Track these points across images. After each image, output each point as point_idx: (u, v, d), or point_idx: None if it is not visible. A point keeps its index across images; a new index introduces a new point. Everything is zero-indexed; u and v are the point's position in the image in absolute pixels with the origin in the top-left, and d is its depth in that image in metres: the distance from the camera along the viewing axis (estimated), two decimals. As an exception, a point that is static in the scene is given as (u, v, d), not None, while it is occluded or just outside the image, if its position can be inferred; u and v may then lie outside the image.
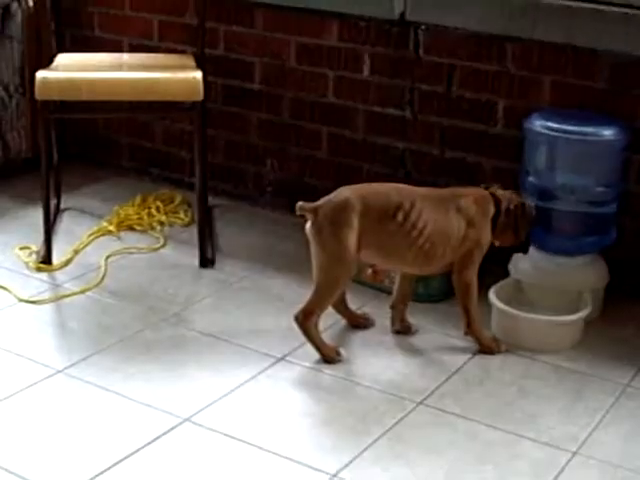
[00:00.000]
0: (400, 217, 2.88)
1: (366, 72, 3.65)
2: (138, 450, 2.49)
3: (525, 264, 3.23)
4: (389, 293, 3.19)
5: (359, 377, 2.85)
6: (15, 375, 2.81)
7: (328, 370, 2.87)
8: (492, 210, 2.99)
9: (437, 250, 2.93)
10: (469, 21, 3.37)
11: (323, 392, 2.78)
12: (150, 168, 4.26)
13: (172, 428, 2.59)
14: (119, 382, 2.78)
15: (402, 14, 3.47)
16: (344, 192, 2.92)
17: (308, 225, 2.89)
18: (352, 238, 2.85)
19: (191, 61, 3.62)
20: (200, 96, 3.34)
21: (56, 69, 3.48)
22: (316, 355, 2.92)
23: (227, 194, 4.07)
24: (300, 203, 2.88)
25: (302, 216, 2.90)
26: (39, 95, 3.31)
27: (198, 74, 3.38)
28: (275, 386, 2.80)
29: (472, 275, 2.97)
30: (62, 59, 3.65)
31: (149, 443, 2.52)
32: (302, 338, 2.93)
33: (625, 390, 2.84)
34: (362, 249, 2.89)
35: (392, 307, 3.12)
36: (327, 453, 2.51)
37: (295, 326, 2.90)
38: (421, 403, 2.73)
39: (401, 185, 3.02)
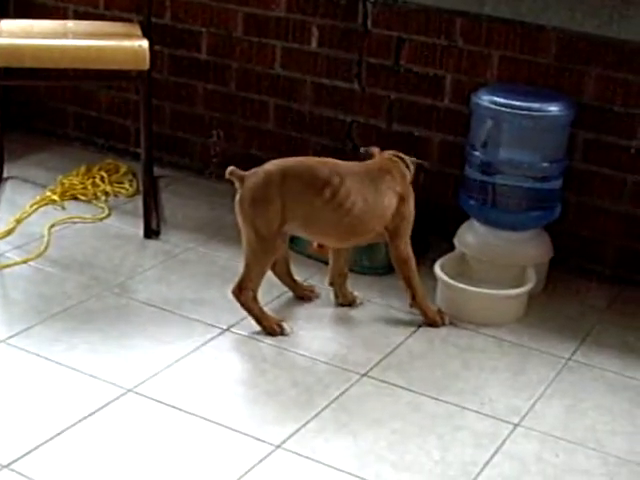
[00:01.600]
0: (327, 193, 2.85)
1: (314, 44, 3.64)
2: (81, 420, 2.47)
3: (470, 238, 3.25)
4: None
5: (303, 349, 2.85)
6: (-45, 344, 2.78)
7: (272, 342, 2.87)
8: (409, 176, 3.00)
9: (365, 227, 2.93)
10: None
11: (267, 364, 2.77)
12: (95, 138, 4.22)
13: (115, 398, 2.57)
14: (62, 352, 2.75)
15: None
16: (269, 166, 2.89)
17: (237, 197, 2.88)
18: (273, 212, 2.83)
19: (137, 30, 3.58)
20: (146, 65, 3.31)
21: (-1, 35, 3.43)
22: (255, 326, 2.92)
23: (172, 165, 4.04)
24: (231, 168, 2.86)
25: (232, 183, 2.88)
26: (-19, 61, 3.26)
27: (144, 43, 3.34)
28: (219, 357, 2.79)
29: (407, 248, 2.97)
30: (5, 25, 3.58)
31: (92, 413, 2.50)
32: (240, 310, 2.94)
33: (567, 364, 2.86)
34: (287, 222, 2.87)
35: (331, 283, 3.12)
36: (271, 424, 2.51)
37: (235, 299, 2.90)
38: (365, 375, 2.74)
39: (331, 160, 2.99)
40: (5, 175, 3.87)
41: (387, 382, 2.72)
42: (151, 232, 3.47)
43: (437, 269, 3.12)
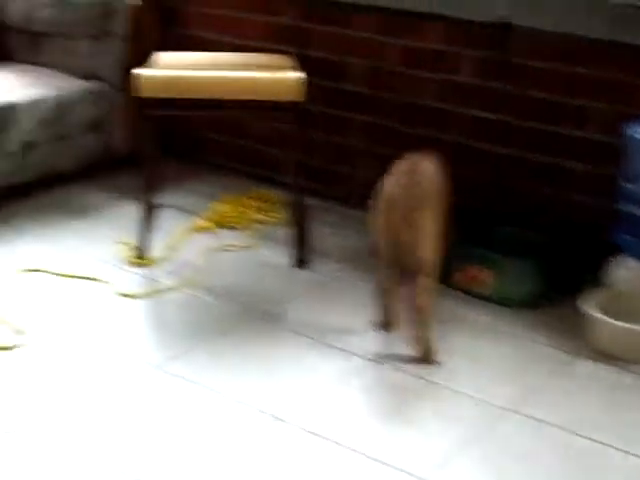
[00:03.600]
0: None
1: (466, 75, 3.64)
2: (229, 446, 2.51)
3: (622, 272, 3.19)
4: (481, 298, 3.18)
5: (449, 381, 2.84)
6: (110, 368, 2.86)
7: (417, 372, 2.87)
8: None
9: None
10: (569, 25, 3.34)
11: (412, 395, 2.77)
12: (247, 167, 4.30)
13: (262, 424, 2.61)
14: (212, 378, 2.81)
15: (503, 17, 3.46)
16: None
17: None
18: None
19: (291, 62, 3.64)
20: (301, 97, 3.37)
21: (157, 67, 3.53)
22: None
23: (322, 195, 4.08)
24: None
25: None
26: (139, 92, 3.37)
27: (299, 75, 3.40)
28: (364, 386, 2.80)
29: None
30: (163, 57, 3.70)
31: (239, 439, 2.54)
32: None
33: None
34: None
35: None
36: (413, 455, 2.51)
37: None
38: (511, 410, 2.71)
39: None
40: (162, 202, 3.98)
41: (533, 418, 2.69)
42: (300, 261, 3.52)
43: (585, 304, 3.07)
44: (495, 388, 2.82)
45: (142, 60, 3.65)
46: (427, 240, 2.87)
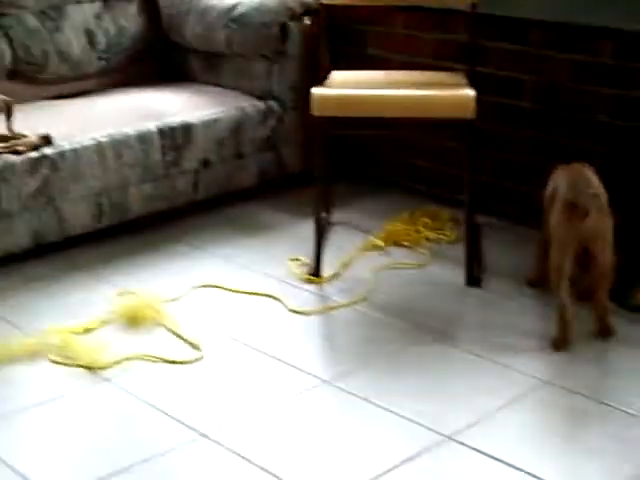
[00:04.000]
0: None
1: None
2: (398, 465, 2.50)
3: None
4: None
5: (626, 405, 2.76)
6: (282, 383, 2.89)
7: (597, 396, 2.80)
8: None
9: None
10: None
11: (589, 418, 2.70)
12: (418, 184, 4.29)
13: (434, 445, 2.59)
14: (382, 395, 2.81)
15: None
16: None
17: None
18: None
19: (462, 79, 3.63)
20: (472, 114, 3.34)
21: (331, 86, 3.57)
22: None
23: (494, 212, 4.04)
24: None
25: None
26: (315, 111, 3.40)
27: (470, 92, 3.38)
28: (538, 409, 2.75)
29: None
30: (336, 76, 3.73)
31: (409, 459, 2.53)
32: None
33: None
34: None
35: None
36: (592, 481, 2.46)
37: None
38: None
39: None
40: (333, 220, 4.01)
41: None
42: (473, 280, 3.49)
43: None
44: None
45: (316, 79, 3.69)
46: (610, 249, 2.97)
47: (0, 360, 3.00)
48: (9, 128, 3.59)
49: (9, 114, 3.55)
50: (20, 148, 3.54)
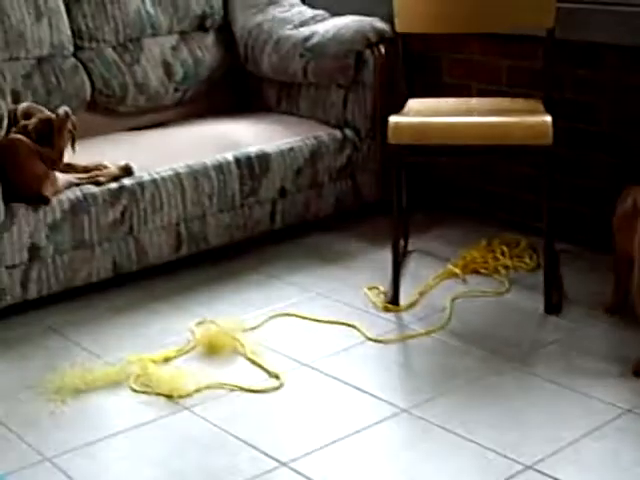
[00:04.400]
0: None
1: None
2: (480, 494, 2.49)
3: None
4: None
5: None
6: (361, 411, 2.89)
7: (678, 425, 2.76)
8: None
9: None
10: None
11: (673, 448, 2.67)
12: (495, 211, 4.28)
13: (513, 475, 2.56)
14: (462, 424, 2.79)
15: None
16: None
17: None
18: None
19: (539, 105, 3.61)
20: (549, 140, 3.32)
21: (407, 114, 3.58)
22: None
23: (572, 239, 4.00)
24: None
25: None
26: (391, 139, 3.41)
27: (547, 118, 3.36)
28: (620, 439, 2.71)
29: None
30: (413, 104, 3.74)
31: (491, 488, 2.52)
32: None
33: None
34: None
35: None
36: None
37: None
38: None
39: None
40: (409, 248, 4.01)
41: None
42: (552, 307, 3.46)
43: None
44: None
45: (392, 108, 3.70)
46: None
47: (82, 389, 3.04)
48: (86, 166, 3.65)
49: (73, 142, 3.59)
50: (101, 179, 3.60)
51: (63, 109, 3.56)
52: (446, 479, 2.56)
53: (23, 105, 3.64)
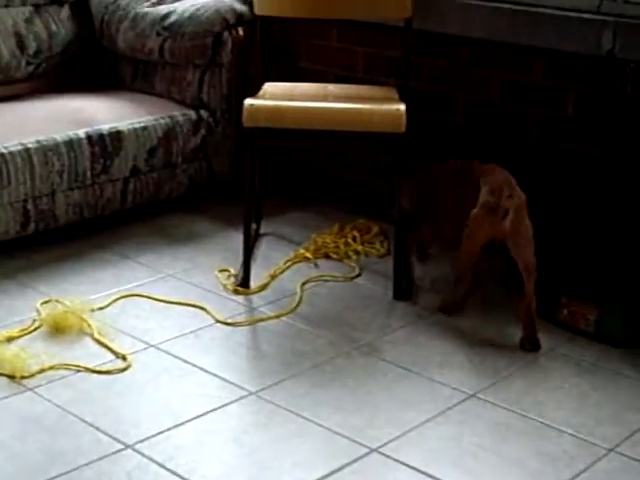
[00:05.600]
0: None
1: (570, 110, 3.60)
2: (323, 478, 2.50)
3: None
4: (585, 336, 3.14)
5: (550, 419, 2.79)
6: (208, 394, 2.87)
7: (518, 410, 2.82)
8: None
9: None
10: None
11: (512, 432, 2.73)
12: (349, 198, 4.31)
13: (359, 458, 2.59)
14: (309, 407, 2.81)
15: (610, 51, 3.41)
16: None
17: None
18: None
19: (394, 93, 3.65)
20: (403, 128, 3.36)
21: (263, 97, 3.57)
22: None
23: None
24: None
25: None
26: (246, 122, 3.40)
27: (401, 106, 3.39)
28: (464, 422, 2.77)
29: None
30: (268, 88, 3.73)
31: (335, 471, 2.53)
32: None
33: None
34: None
35: None
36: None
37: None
38: (612, 450, 2.66)
39: None
40: (261, 232, 4.00)
41: (637, 460, 2.62)
42: (401, 293, 3.50)
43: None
44: (591, 423, 2.76)
45: (248, 90, 3.69)
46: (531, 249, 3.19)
47: None
48: None
49: None
50: (-54, 152, 3.49)
51: None
52: (292, 462, 2.57)
53: None
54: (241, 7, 4.21)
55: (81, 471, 2.50)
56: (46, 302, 3.35)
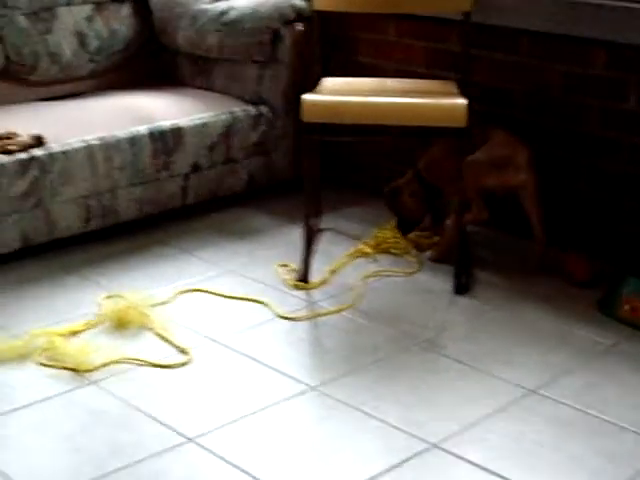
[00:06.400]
0: None
1: (632, 102, 3.56)
2: (387, 471, 2.51)
3: None
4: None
5: (613, 416, 2.76)
6: (269, 388, 2.89)
7: (581, 407, 2.80)
8: None
9: None
10: None
11: (573, 429, 2.71)
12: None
13: (419, 453, 2.59)
14: (369, 402, 2.81)
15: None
16: None
17: None
18: None
19: (454, 87, 3.63)
20: (464, 123, 3.35)
21: (321, 92, 3.57)
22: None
23: (485, 222, 4.03)
24: None
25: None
26: (305, 117, 3.40)
27: (463, 101, 3.38)
28: (524, 419, 2.75)
29: None
30: (327, 83, 3.74)
31: (394, 466, 2.53)
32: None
33: None
34: None
35: None
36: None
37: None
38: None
39: None
40: (322, 227, 4.01)
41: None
42: (461, 288, 3.49)
43: None
44: None
45: (307, 85, 3.69)
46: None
47: (-14, 361, 3.00)
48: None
49: None
50: (12, 147, 3.53)
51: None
52: (353, 456, 2.57)
53: None
54: (299, 3, 4.22)
55: (142, 464, 2.53)
56: (109, 297, 3.39)
